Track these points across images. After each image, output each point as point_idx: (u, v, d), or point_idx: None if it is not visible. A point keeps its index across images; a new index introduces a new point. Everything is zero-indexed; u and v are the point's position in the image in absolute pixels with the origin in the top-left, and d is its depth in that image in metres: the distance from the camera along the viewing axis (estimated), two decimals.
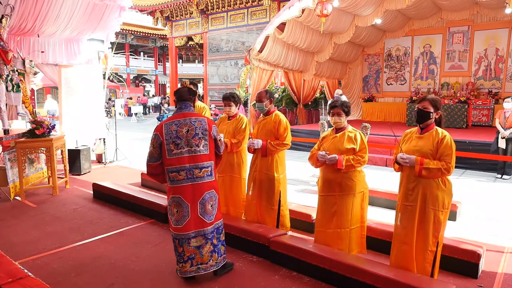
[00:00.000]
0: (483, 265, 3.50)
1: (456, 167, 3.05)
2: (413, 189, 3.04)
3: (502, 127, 7.46)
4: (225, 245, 3.40)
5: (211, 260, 3.24)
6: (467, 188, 6.63)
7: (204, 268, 3.22)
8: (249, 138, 4.22)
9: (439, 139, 2.98)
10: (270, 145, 4.02)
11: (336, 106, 3.49)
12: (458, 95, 12.43)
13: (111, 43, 8.86)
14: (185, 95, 3.37)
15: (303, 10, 9.59)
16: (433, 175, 2.94)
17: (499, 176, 7.54)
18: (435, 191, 2.98)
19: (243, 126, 4.34)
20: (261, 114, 4.29)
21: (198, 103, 5.09)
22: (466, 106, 11.86)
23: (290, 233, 4.18)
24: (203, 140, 3.22)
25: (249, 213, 4.34)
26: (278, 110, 4.27)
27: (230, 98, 4.38)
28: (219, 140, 3.40)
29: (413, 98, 12.89)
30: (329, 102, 3.67)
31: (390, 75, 14.58)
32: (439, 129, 3.04)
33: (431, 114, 3.03)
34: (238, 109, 4.53)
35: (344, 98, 9.64)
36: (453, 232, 4.34)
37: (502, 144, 7.43)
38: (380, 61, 14.75)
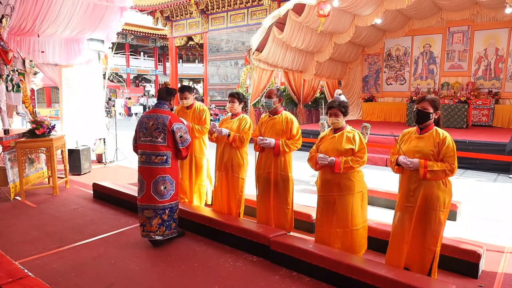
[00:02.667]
0: (483, 265, 3.50)
1: None
2: (414, 190, 3.03)
3: None
4: (177, 222, 4.08)
5: (158, 231, 3.95)
6: (467, 188, 6.63)
7: (152, 235, 3.95)
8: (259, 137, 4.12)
9: (440, 140, 2.97)
10: (285, 144, 3.95)
11: (333, 106, 3.47)
12: (458, 95, 12.43)
13: (111, 43, 8.86)
14: (162, 94, 4.08)
15: (302, 9, 9.58)
16: (438, 177, 2.93)
17: None
18: (436, 191, 2.97)
19: (247, 126, 4.33)
20: (267, 114, 4.24)
21: (198, 104, 5.06)
22: (466, 106, 11.86)
23: (291, 233, 4.18)
24: (162, 134, 3.89)
25: (261, 215, 4.29)
26: None
27: (234, 95, 4.41)
28: (180, 137, 3.94)
29: (413, 98, 12.88)
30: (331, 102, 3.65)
31: (389, 75, 14.58)
32: (439, 130, 3.03)
33: (431, 114, 3.02)
34: (242, 108, 4.52)
35: (343, 98, 9.63)
36: (453, 232, 4.34)
37: None
38: (380, 61, 14.75)
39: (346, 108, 3.50)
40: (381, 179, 7.01)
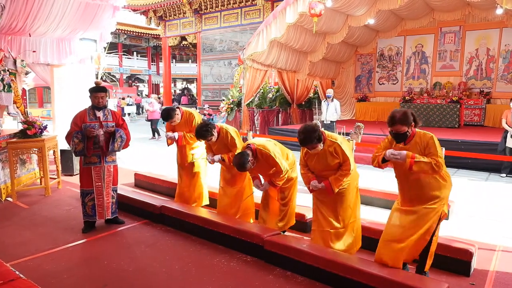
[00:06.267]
0: (475, 263, 3.53)
1: (448, 166, 3.08)
2: (409, 189, 3.07)
3: (510, 127, 7.49)
4: (84, 211, 4.47)
5: None
6: (459, 187, 6.67)
7: None
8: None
9: (424, 144, 2.97)
10: (278, 182, 3.88)
11: (307, 144, 3.31)
12: (450, 94, 12.54)
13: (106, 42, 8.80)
14: None
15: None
16: (425, 170, 2.92)
17: (504, 175, 7.58)
18: (435, 189, 3.00)
19: (230, 138, 4.31)
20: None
21: (185, 112, 4.98)
22: (458, 106, 11.97)
23: (286, 232, 4.19)
24: None
25: (265, 210, 4.28)
26: (272, 110, 4.24)
27: (206, 135, 4.20)
28: None
29: (406, 97, 12.97)
30: (299, 133, 3.47)
31: (382, 74, 14.66)
32: (420, 132, 3.02)
33: (408, 132, 2.99)
34: (215, 131, 4.29)
35: (336, 102, 9.63)
36: (446, 231, 4.37)
37: (510, 143, 7.46)
38: (372, 61, 14.82)
39: (319, 135, 3.31)
40: (376, 178, 7.04)
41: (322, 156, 3.42)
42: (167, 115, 4.82)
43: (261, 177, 4.13)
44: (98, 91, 4.38)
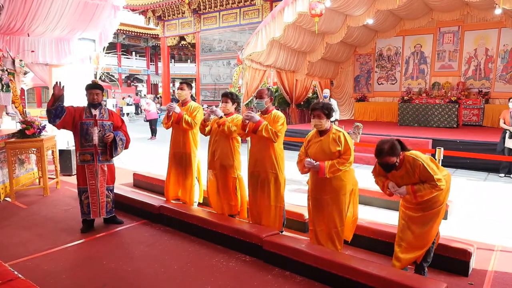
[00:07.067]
0: (473, 263, 3.54)
1: (447, 166, 3.10)
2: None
3: (509, 126, 7.51)
4: (81, 207, 4.50)
5: None
6: (458, 187, 6.68)
7: None
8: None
9: (415, 168, 3.00)
10: (265, 127, 3.84)
11: (316, 108, 3.44)
12: (449, 94, 12.56)
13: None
14: None
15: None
16: (429, 195, 3.01)
17: (502, 175, 7.60)
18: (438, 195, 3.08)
19: (236, 121, 4.34)
20: (259, 113, 4.20)
21: (193, 103, 5.10)
22: (457, 106, 11.99)
23: (284, 232, 4.19)
24: None
25: (253, 213, 4.30)
26: None
27: (228, 95, 4.46)
28: None
29: (404, 97, 12.98)
30: (314, 103, 3.65)
31: (381, 74, 14.67)
32: (410, 158, 3.04)
33: (397, 162, 3.03)
34: (235, 109, 4.53)
35: (333, 101, 9.63)
36: (444, 231, 4.36)
37: (509, 143, 7.48)
38: (371, 61, 14.84)
39: (330, 111, 3.44)
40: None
41: (325, 142, 3.44)
42: (183, 81, 5.14)
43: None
44: (93, 88, 4.52)
